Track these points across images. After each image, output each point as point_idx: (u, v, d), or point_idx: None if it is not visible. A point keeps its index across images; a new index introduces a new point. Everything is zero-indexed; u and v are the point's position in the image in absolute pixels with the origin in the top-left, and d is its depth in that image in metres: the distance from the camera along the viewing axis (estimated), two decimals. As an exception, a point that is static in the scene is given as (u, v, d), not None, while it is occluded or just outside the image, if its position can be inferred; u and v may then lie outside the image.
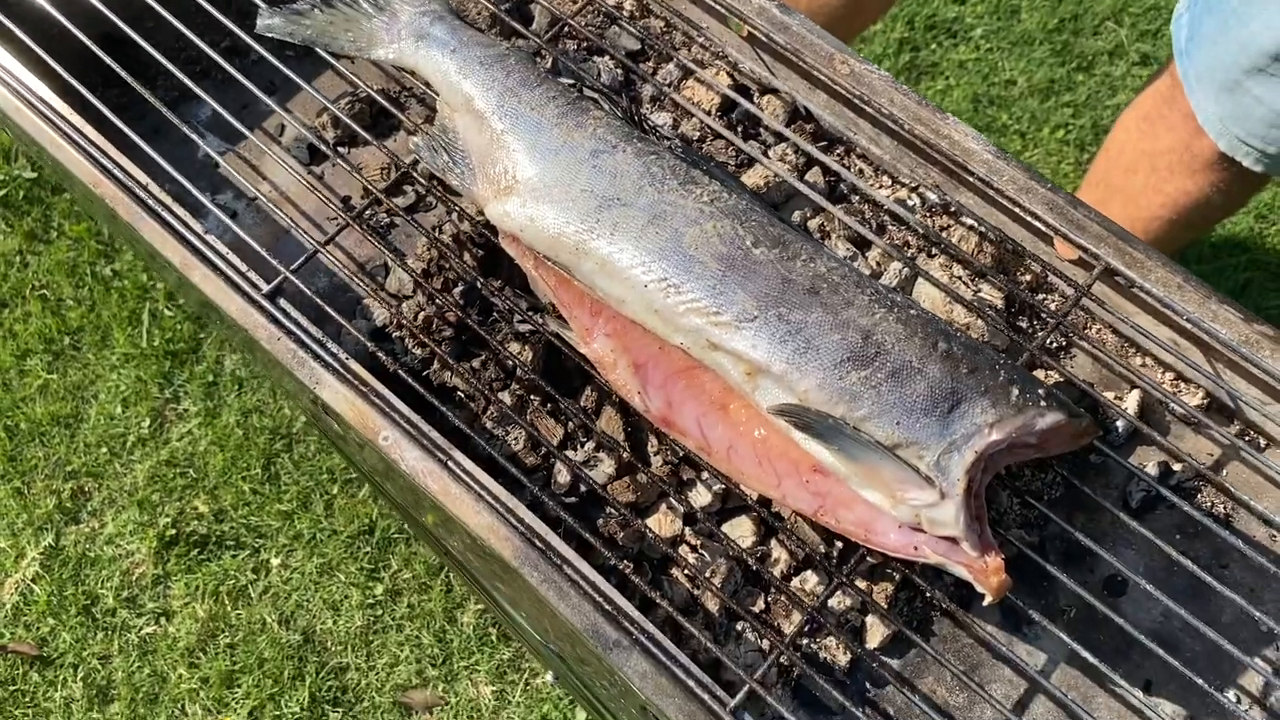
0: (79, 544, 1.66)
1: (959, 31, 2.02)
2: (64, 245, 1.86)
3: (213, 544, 1.65)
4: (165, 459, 1.70)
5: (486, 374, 0.74)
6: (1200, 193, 1.25)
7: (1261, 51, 1.02)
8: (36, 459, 1.71)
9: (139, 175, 0.74)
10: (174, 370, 1.77)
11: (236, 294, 0.69)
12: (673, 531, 0.69)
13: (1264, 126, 1.09)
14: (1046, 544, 0.70)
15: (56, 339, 1.79)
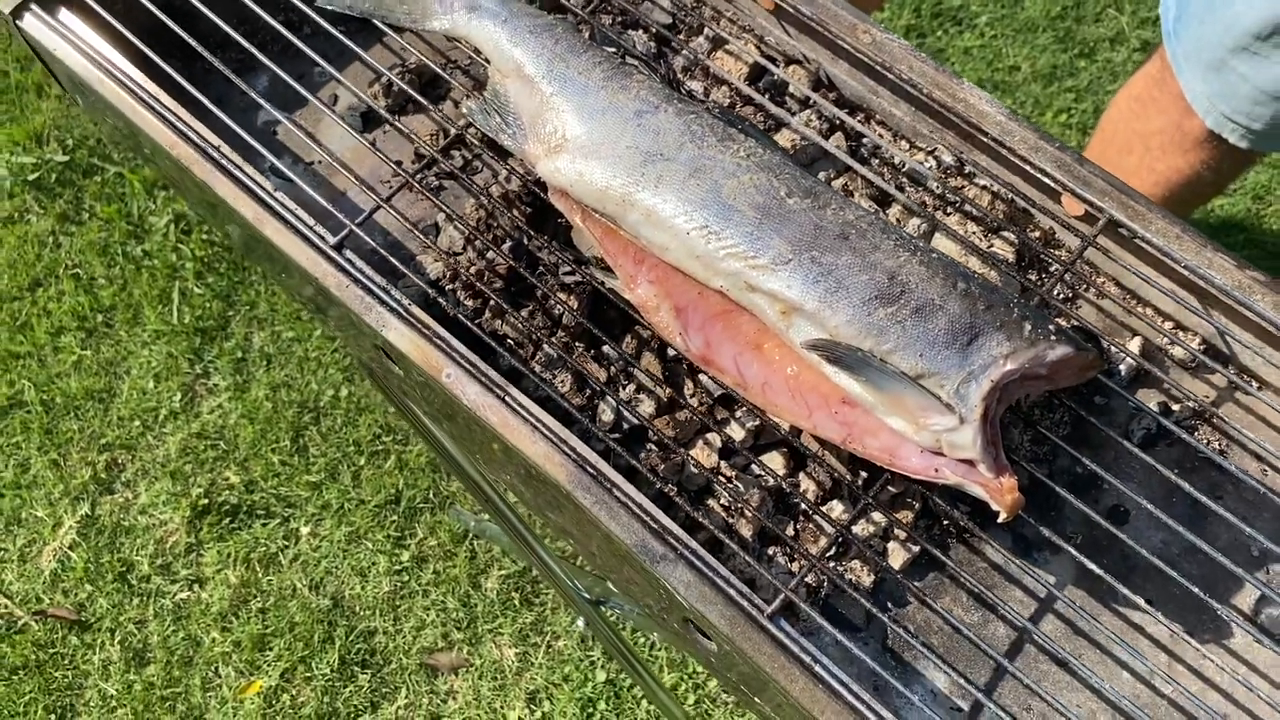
0: (114, 513, 1.72)
1: (964, 19, 2.08)
2: (95, 226, 1.92)
3: (243, 513, 1.71)
4: (196, 432, 1.76)
5: (535, 321, 0.79)
6: (1191, 170, 1.31)
7: (1245, 31, 1.07)
8: (72, 432, 1.77)
9: (211, 138, 0.79)
10: (204, 346, 1.82)
11: (307, 245, 0.75)
12: (711, 464, 0.74)
13: (1249, 104, 1.14)
14: (1055, 476, 0.76)
15: (89, 317, 1.85)
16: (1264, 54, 1.10)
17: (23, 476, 1.73)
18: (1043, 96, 2.00)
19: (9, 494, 1.72)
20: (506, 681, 1.59)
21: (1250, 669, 0.71)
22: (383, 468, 1.73)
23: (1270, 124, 1.17)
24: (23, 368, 1.81)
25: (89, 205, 1.93)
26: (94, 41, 0.84)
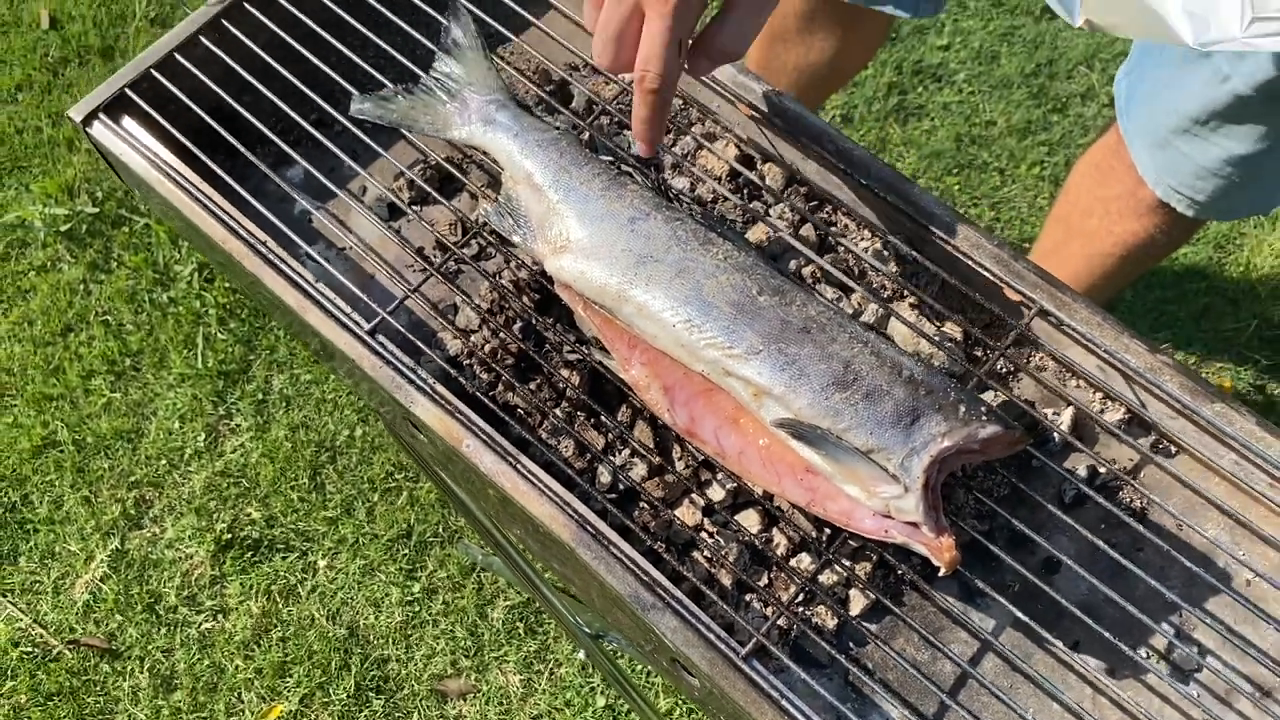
0: (142, 547, 1.82)
1: (943, 75, 2.20)
2: (123, 274, 2.03)
3: (264, 547, 1.82)
4: (220, 470, 1.87)
5: (541, 395, 0.91)
6: (1146, 233, 1.43)
7: (1185, 115, 1.19)
8: (102, 470, 1.88)
9: (258, 233, 0.91)
10: (226, 389, 1.93)
11: (345, 331, 0.86)
12: (694, 521, 0.86)
13: (1193, 178, 1.26)
14: (995, 532, 0.87)
15: (118, 361, 1.96)
16: (1203, 136, 1.22)
17: (56, 513, 1.84)
18: (1017, 150, 2.12)
19: (44, 529, 1.83)
20: (512, 707, 1.69)
21: (1164, 702, 0.82)
22: (395, 503, 1.84)
23: (1212, 196, 1.29)
24: (56, 409, 1.92)
25: (118, 254, 2.05)
26: (153, 145, 0.95)
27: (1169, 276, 2.01)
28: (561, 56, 1.04)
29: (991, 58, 2.21)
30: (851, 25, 1.49)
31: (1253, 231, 2.04)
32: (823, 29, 1.50)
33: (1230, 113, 1.17)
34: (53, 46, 2.26)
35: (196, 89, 0.99)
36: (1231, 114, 1.17)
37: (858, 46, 1.57)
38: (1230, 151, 1.22)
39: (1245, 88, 1.12)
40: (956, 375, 0.88)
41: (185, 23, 1.01)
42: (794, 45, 1.55)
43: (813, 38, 1.52)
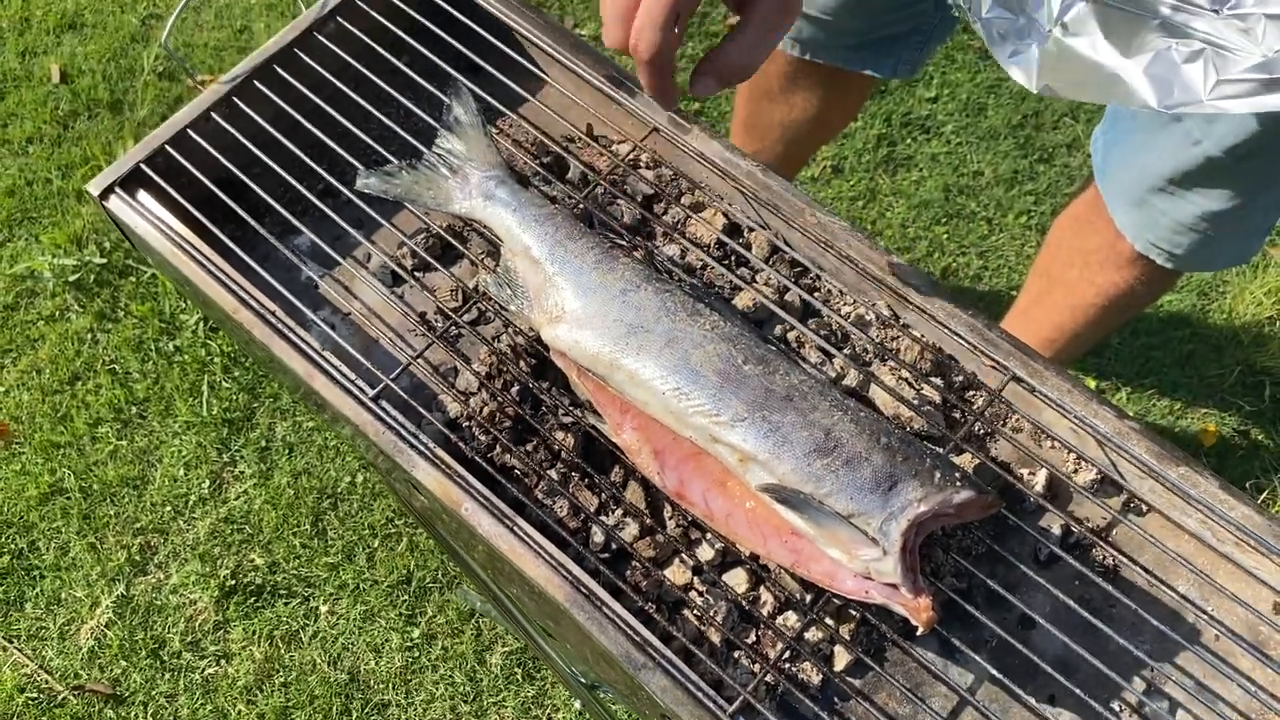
0: (147, 593, 1.85)
1: (931, 127, 2.25)
2: (130, 324, 2.08)
3: (267, 593, 1.85)
4: (224, 517, 1.90)
5: (538, 456, 0.94)
6: (1126, 285, 1.47)
7: (1159, 175, 1.24)
8: (108, 516, 1.91)
9: (267, 303, 0.95)
10: (231, 437, 1.97)
11: (349, 398, 0.90)
12: (684, 580, 0.89)
13: (1169, 233, 1.31)
14: (973, 590, 0.90)
15: (125, 409, 2.00)
16: (1178, 194, 1.26)
17: (63, 559, 1.88)
18: (1004, 199, 2.17)
19: (50, 575, 1.86)
20: (510, 752, 1.72)
21: (1136, 754, 0.85)
22: (395, 549, 1.87)
23: (1189, 249, 1.34)
24: (63, 457, 1.96)
25: (125, 304, 2.10)
26: (166, 218, 1.00)
27: (1154, 323, 2.06)
28: (557, 129, 1.09)
29: (979, 109, 2.27)
30: (833, 84, 1.54)
31: (1235, 279, 2.08)
32: (805, 88, 1.55)
33: (1203, 173, 1.22)
34: (63, 100, 2.32)
35: (208, 162, 1.04)
36: (1204, 174, 1.22)
37: (841, 104, 1.62)
38: (1205, 209, 1.26)
39: (1216, 150, 1.17)
40: (935, 438, 0.92)
41: (198, 100, 1.06)
42: (778, 103, 1.60)
43: (796, 96, 1.58)
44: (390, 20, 1.10)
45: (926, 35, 1.41)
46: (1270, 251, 2.09)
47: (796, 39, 1.43)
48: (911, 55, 1.44)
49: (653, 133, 1.03)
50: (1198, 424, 1.93)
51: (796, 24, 1.40)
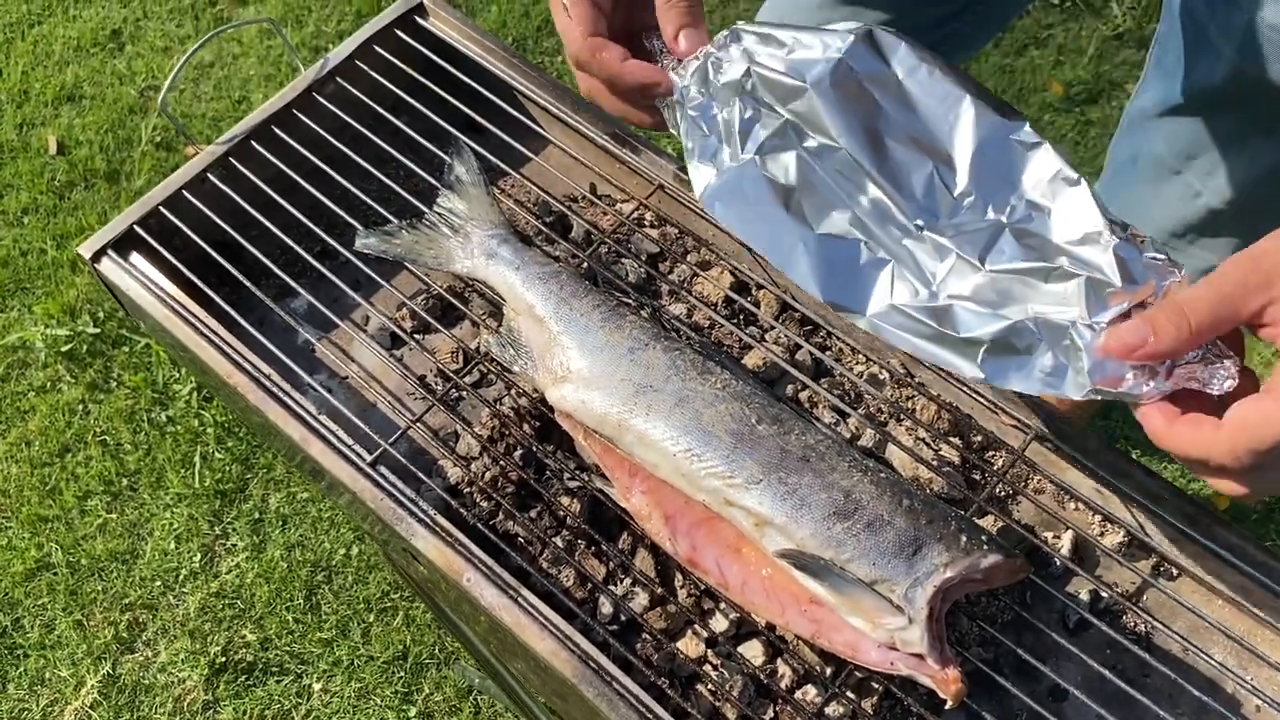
0: (134, 672, 1.79)
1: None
2: (123, 394, 2.04)
3: (259, 671, 1.79)
4: (215, 591, 1.85)
5: (542, 523, 0.91)
6: None
7: (1161, 229, 1.22)
8: (96, 592, 1.86)
9: (262, 366, 0.92)
10: (223, 509, 1.93)
11: (346, 463, 0.86)
12: (698, 653, 0.85)
13: None
14: (1001, 659, 0.86)
15: (115, 481, 1.96)
16: (1180, 248, 1.24)
17: (48, 637, 1.82)
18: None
19: (34, 654, 1.80)
20: (511, 836, 1.64)
21: (1179, 834, 0.80)
22: (391, 624, 1.81)
23: None
24: (51, 531, 1.91)
25: (117, 374, 2.06)
26: (159, 281, 0.97)
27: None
28: (560, 188, 1.07)
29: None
30: None
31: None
32: None
33: (1205, 225, 1.20)
34: (59, 171, 2.31)
35: (203, 224, 1.02)
36: (1207, 226, 1.20)
37: None
38: (1208, 262, 1.25)
39: (1217, 202, 1.15)
40: (956, 501, 0.89)
41: (194, 161, 1.04)
42: None
43: None
44: (390, 80, 1.09)
45: None
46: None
47: None
48: None
49: (657, 190, 1.01)
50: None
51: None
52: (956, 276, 0.75)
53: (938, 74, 0.77)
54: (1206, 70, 1.06)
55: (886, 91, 0.78)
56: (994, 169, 0.75)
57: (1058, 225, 0.74)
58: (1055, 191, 0.74)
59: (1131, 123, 1.27)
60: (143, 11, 2.62)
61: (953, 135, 0.76)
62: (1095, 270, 0.72)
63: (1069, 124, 2.31)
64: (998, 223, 0.75)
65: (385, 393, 0.99)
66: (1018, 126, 0.76)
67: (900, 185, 0.77)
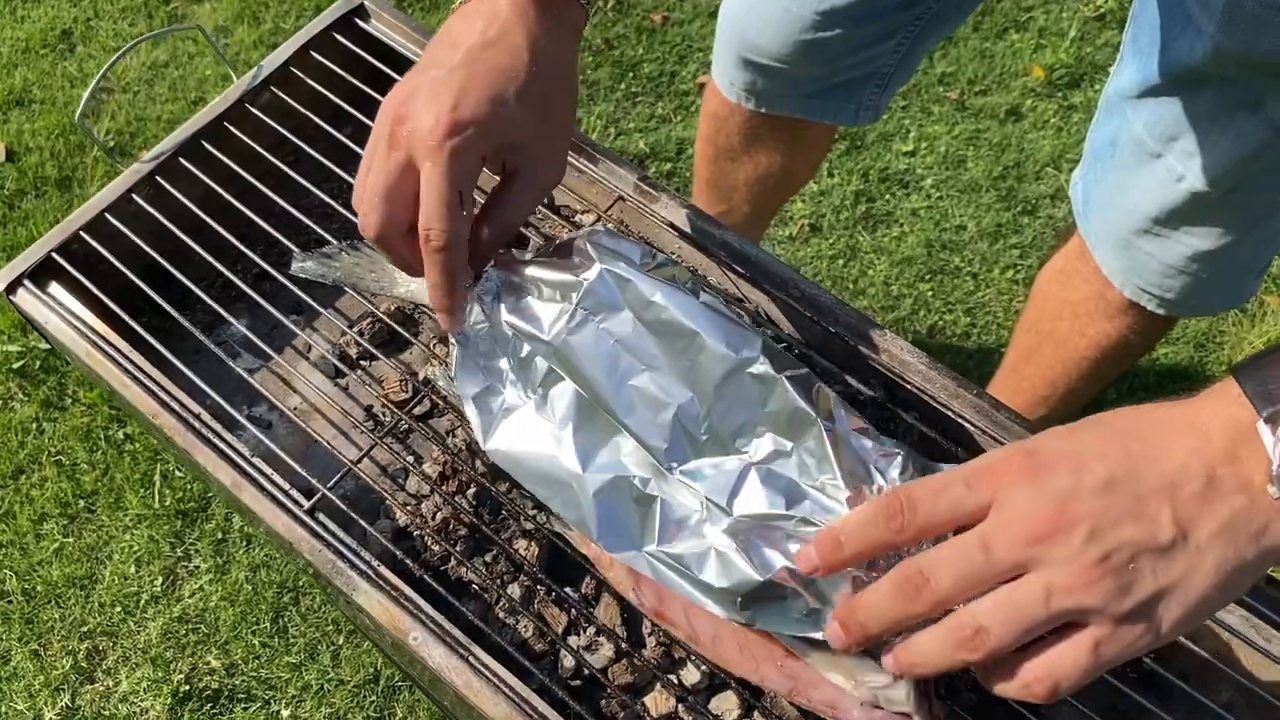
0: (94, 703, 1.72)
1: (910, 181, 2.19)
2: (78, 411, 1.96)
3: (225, 698, 1.72)
4: (178, 616, 1.78)
5: (498, 568, 0.84)
6: (1119, 334, 1.39)
7: (1144, 216, 1.16)
8: (53, 620, 1.78)
9: (190, 404, 0.85)
10: (185, 529, 1.85)
11: (282, 512, 0.80)
12: (667, 709, 0.79)
13: (1160, 277, 1.23)
14: (993, 703, 0.80)
15: (72, 503, 1.88)
16: (1165, 235, 1.18)
17: (3, 668, 1.74)
18: (989, 254, 2.10)
19: (-11, 688, 1.73)
20: None
21: None
22: (361, 646, 1.75)
23: (1181, 293, 1.25)
24: (5, 556, 1.83)
25: (72, 391, 1.99)
26: (80, 312, 0.90)
27: (1150, 377, 1.98)
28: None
29: (958, 162, 2.20)
30: (795, 136, 1.47)
31: (1232, 330, 2.01)
32: (767, 143, 1.48)
33: (1189, 210, 1.14)
34: (9, 179, 2.22)
35: (129, 249, 0.94)
36: (1190, 212, 1.14)
37: (805, 156, 1.55)
38: (1194, 248, 1.18)
39: (1200, 184, 1.09)
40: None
41: (117, 181, 0.96)
42: (741, 162, 1.53)
43: (758, 152, 1.50)
44: (330, 89, 1.02)
45: (886, 78, 1.34)
46: (1267, 300, 2.02)
47: (751, 92, 1.36)
48: (872, 100, 1.37)
49: (618, 201, 0.94)
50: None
51: (750, 77, 1.33)
52: (710, 521, 0.71)
53: (670, 310, 0.74)
54: (1186, 47, 0.99)
55: (624, 330, 0.75)
56: (732, 407, 0.72)
57: (800, 467, 0.70)
58: (796, 429, 0.70)
59: (1109, 105, 1.20)
60: (94, 11, 2.52)
61: (691, 374, 0.73)
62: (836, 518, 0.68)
63: (1051, 109, 2.25)
64: (743, 464, 0.71)
65: (328, 427, 0.92)
66: (751, 360, 0.72)
67: (647, 428, 0.73)
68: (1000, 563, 0.56)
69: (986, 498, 0.57)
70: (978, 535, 0.57)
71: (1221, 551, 0.55)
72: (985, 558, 0.56)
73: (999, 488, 0.57)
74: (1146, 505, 0.55)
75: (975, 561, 0.56)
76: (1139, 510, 0.55)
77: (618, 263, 0.75)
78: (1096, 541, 0.55)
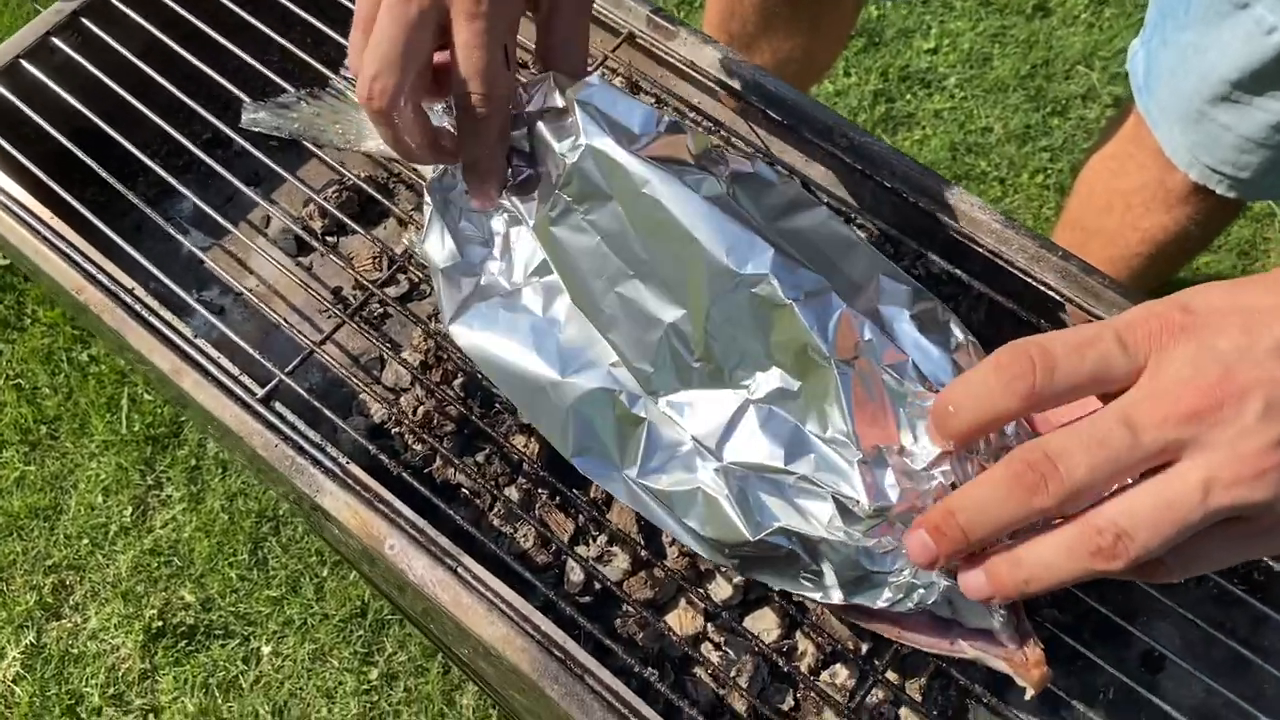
0: (61, 640, 1.61)
1: (933, 81, 2.04)
2: (38, 332, 1.83)
3: (201, 634, 1.60)
4: (149, 548, 1.66)
5: (491, 469, 0.71)
6: (1178, 226, 1.25)
7: (1222, 80, 1.01)
8: (15, 554, 1.66)
9: (123, 279, 0.71)
10: (155, 456, 1.73)
11: (230, 400, 0.66)
12: (694, 629, 0.66)
13: (1235, 153, 1.08)
14: (1081, 621, 0.68)
15: (33, 429, 1.75)
16: (1245, 101, 1.04)
17: (-38, 605, 1.63)
18: (1017, 157, 1.96)
19: (-53, 625, 1.61)
20: (487, 809, 1.48)
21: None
22: (347, 578, 1.63)
23: (1259, 170, 1.11)
24: (-38, 487, 1.71)
25: (31, 310, 1.84)
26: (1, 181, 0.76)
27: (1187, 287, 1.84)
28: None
29: (983, 60, 2.05)
30: (816, 14, 1.32)
31: (1277, 236, 1.88)
32: (784, 25, 1.33)
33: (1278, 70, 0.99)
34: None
35: (54, 105, 0.80)
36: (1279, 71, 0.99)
37: (827, 35, 1.41)
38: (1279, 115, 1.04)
39: None
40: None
41: (34, 22, 0.82)
42: (759, 49, 1.38)
43: (776, 37, 1.35)
44: (287, -81, 0.86)
45: None
46: (1316, 202, 1.89)
47: None
48: None
49: (626, 40, 0.80)
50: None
51: None
52: (700, 455, 0.58)
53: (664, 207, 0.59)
54: None
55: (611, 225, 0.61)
56: (734, 332, 0.57)
57: (806, 412, 0.56)
58: (806, 367, 0.56)
59: None
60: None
61: (686, 289, 0.58)
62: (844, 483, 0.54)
63: (1082, 3, 2.09)
64: (741, 400, 0.57)
65: (291, 311, 0.79)
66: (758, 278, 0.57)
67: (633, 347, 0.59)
68: (1149, 445, 0.43)
69: (1141, 360, 0.44)
70: (1120, 410, 0.44)
71: None
72: (1131, 439, 0.43)
73: (1154, 346, 0.44)
74: None
75: (1118, 444, 0.43)
76: None
77: (607, 138, 0.60)
78: (1271, 417, 0.42)
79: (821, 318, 0.55)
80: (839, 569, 0.55)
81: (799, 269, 0.56)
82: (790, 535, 0.55)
